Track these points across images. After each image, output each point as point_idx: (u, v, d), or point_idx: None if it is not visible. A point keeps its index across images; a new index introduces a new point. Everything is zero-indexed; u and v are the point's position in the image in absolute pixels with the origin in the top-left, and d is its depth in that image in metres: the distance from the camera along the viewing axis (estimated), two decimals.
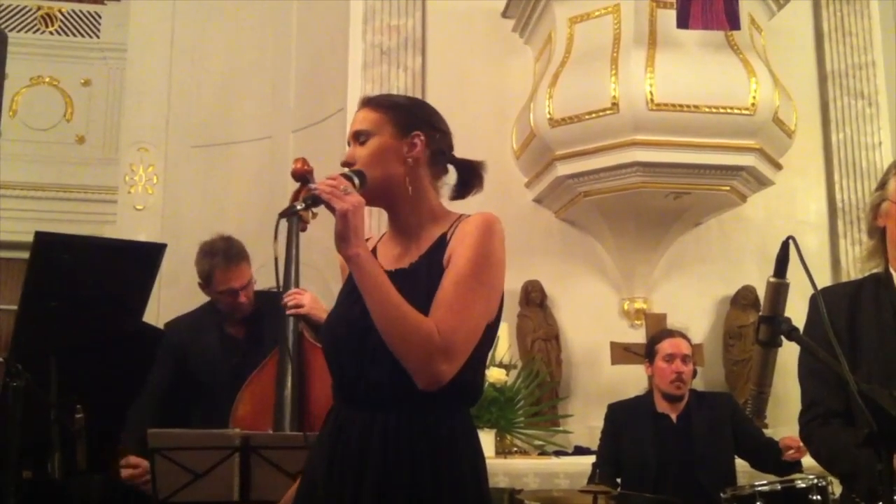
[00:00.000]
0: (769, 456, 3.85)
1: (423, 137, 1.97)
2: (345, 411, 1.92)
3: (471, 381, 1.91)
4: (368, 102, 2.02)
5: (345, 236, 1.77)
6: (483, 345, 1.91)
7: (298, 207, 1.82)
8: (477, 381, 1.96)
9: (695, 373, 4.13)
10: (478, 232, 1.88)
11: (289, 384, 3.07)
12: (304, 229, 3.17)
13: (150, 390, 3.60)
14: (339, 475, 1.85)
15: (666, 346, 4.03)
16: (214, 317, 3.65)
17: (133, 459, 3.46)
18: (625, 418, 4.05)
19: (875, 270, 2.32)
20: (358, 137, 1.97)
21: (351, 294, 1.93)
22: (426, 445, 1.84)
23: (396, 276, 1.91)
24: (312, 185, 1.84)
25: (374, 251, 2.01)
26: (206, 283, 3.57)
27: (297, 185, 3.03)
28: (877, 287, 2.28)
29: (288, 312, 3.00)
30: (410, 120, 1.98)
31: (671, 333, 4.18)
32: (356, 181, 1.88)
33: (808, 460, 3.85)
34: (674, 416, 3.98)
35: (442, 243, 1.94)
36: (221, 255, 3.49)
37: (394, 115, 1.98)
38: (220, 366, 3.51)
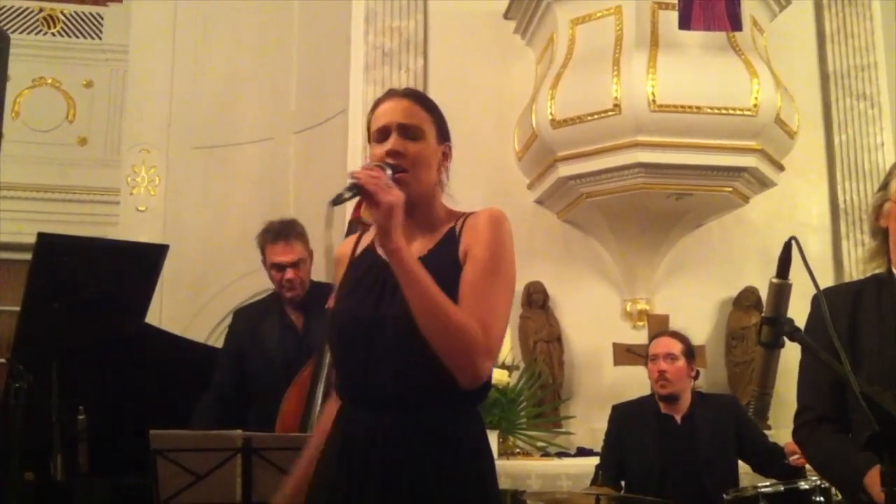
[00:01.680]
0: (773, 460, 3.84)
1: (450, 147, 2.01)
2: (351, 411, 1.90)
3: None
4: (412, 96, 2.00)
5: (388, 230, 1.74)
6: None
7: (346, 196, 1.75)
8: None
9: (697, 374, 4.12)
10: (493, 227, 1.89)
11: (321, 384, 3.10)
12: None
13: (213, 390, 3.75)
14: (347, 475, 1.84)
15: (651, 347, 4.08)
16: (278, 301, 3.75)
17: None
18: (629, 419, 4.05)
19: (877, 271, 2.32)
20: (406, 131, 1.93)
21: (356, 289, 1.92)
22: (430, 445, 1.83)
23: None
24: (355, 174, 1.78)
25: (369, 246, 2.00)
26: (263, 258, 3.70)
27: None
28: (879, 288, 2.27)
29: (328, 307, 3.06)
30: (446, 128, 2.01)
31: (660, 334, 4.20)
32: (389, 173, 1.85)
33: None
34: (678, 418, 3.97)
35: (452, 238, 1.93)
36: (273, 232, 3.62)
37: (437, 119, 1.99)
38: (276, 356, 3.62)
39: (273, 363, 3.61)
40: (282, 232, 3.62)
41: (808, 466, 3.71)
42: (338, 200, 1.75)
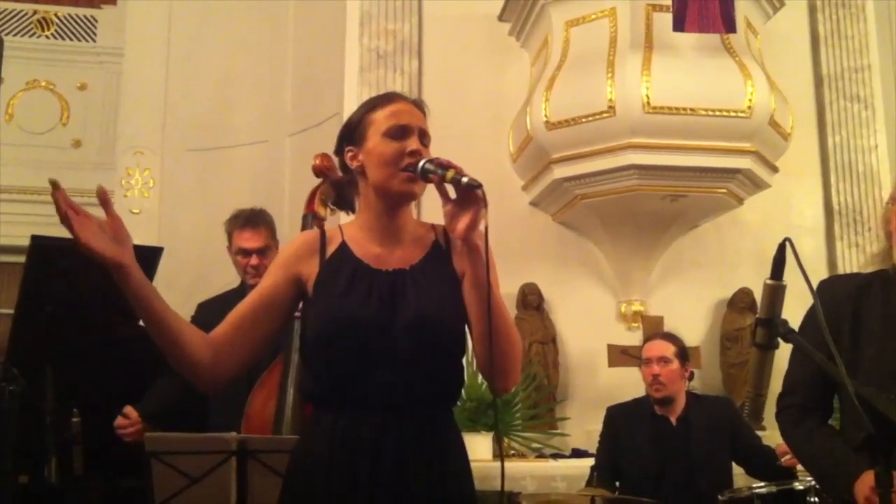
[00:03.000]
0: (765, 462, 3.85)
1: None
2: (348, 414, 1.86)
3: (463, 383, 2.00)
4: (421, 106, 2.01)
5: (478, 226, 1.82)
6: None
7: (473, 184, 1.78)
8: None
9: (691, 375, 4.13)
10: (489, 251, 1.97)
11: (291, 387, 3.07)
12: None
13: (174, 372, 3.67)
14: (350, 480, 1.81)
15: (645, 350, 4.09)
16: (242, 289, 3.74)
17: (128, 409, 3.50)
18: (624, 421, 4.05)
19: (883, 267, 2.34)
20: (423, 138, 1.95)
21: (350, 293, 1.89)
22: (438, 444, 1.88)
23: (395, 276, 1.92)
24: (460, 167, 1.80)
25: (342, 247, 1.97)
26: (229, 244, 3.73)
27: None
28: (885, 285, 2.29)
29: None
30: None
31: (653, 336, 4.21)
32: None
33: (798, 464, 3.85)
34: (673, 419, 3.98)
35: (440, 251, 1.97)
36: (242, 218, 3.67)
37: None
38: None
39: None
40: (250, 219, 3.66)
41: (799, 467, 3.74)
42: (474, 184, 1.78)
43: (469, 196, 1.79)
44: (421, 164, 1.86)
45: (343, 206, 2.10)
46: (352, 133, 1.99)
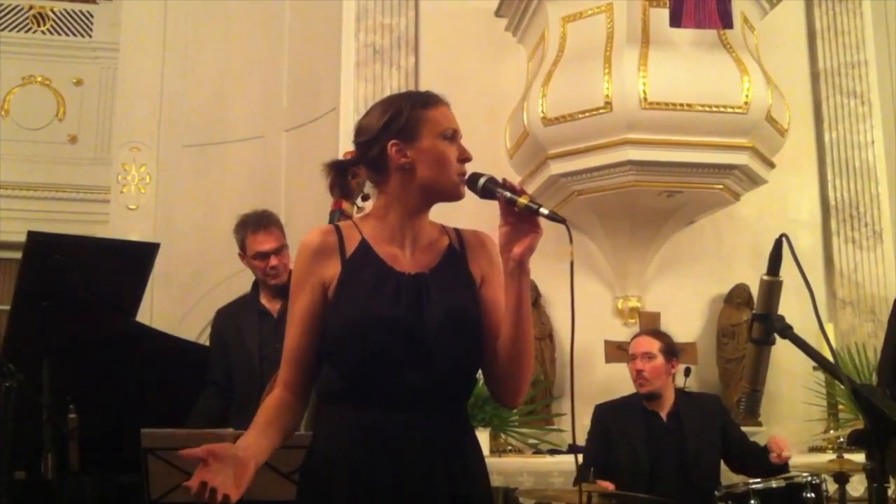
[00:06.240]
0: (754, 459, 3.86)
1: None
2: (372, 413, 1.85)
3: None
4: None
5: (533, 251, 1.90)
6: None
7: (555, 218, 1.87)
8: None
9: (688, 371, 4.13)
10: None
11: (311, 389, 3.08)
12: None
13: (210, 387, 3.79)
14: (374, 479, 1.82)
15: (630, 347, 4.13)
16: (255, 293, 3.79)
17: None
18: (615, 417, 4.06)
19: None
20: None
21: (379, 292, 1.87)
22: (460, 441, 1.91)
23: (418, 279, 1.91)
24: (541, 203, 1.86)
25: (363, 245, 1.94)
26: (242, 252, 3.72)
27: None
28: None
29: None
30: None
31: (640, 333, 4.26)
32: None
33: (795, 460, 3.87)
34: (663, 415, 3.99)
35: (455, 254, 1.98)
36: (252, 223, 3.67)
37: None
38: (253, 344, 3.65)
39: (251, 351, 3.64)
40: (260, 221, 3.66)
41: (790, 463, 3.75)
42: (557, 218, 1.89)
43: (529, 221, 1.84)
44: (482, 180, 1.86)
45: (343, 191, 2.08)
46: (400, 127, 1.92)
